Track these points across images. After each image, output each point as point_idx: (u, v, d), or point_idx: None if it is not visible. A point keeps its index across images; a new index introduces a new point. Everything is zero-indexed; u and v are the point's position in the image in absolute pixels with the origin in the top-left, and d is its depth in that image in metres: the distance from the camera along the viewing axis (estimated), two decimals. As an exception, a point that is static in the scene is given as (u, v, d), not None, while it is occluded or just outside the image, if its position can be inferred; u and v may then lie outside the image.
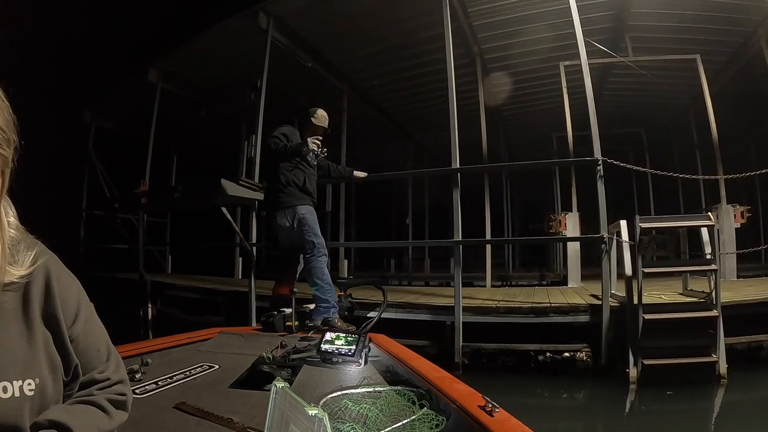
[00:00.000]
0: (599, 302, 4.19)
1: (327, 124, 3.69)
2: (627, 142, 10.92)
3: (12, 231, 0.79)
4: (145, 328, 6.91)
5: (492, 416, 1.40)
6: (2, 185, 0.75)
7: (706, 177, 6.50)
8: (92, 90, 10.19)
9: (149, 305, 7.19)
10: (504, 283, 8.88)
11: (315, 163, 3.77)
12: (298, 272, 3.73)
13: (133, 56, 10.12)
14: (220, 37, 6.99)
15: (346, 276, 7.77)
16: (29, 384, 0.75)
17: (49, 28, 11.46)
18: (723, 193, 6.16)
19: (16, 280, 0.78)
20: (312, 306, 3.51)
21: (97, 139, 10.02)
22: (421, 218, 12.40)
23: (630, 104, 9.62)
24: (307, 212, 3.57)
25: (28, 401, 0.74)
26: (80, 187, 10.06)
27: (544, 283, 8.95)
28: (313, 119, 3.61)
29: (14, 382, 0.74)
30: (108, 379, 0.90)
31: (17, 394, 0.74)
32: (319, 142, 3.36)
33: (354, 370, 2.11)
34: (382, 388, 1.78)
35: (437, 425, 1.48)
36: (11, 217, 0.80)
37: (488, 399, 1.47)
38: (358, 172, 4.37)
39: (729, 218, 6.06)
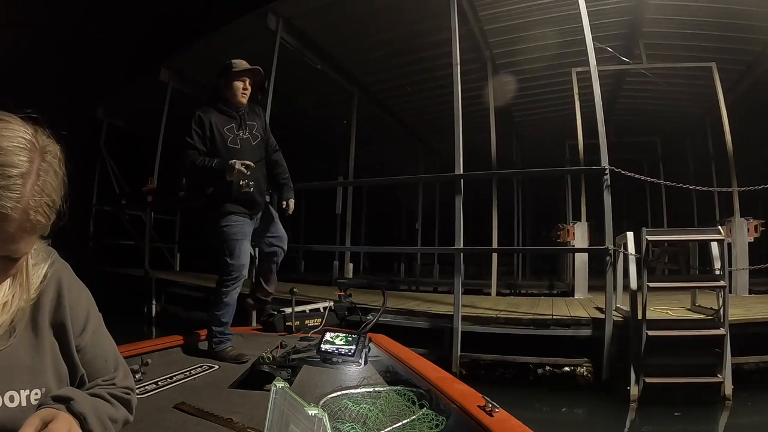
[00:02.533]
0: (603, 316, 4.09)
1: (248, 66, 2.97)
2: (642, 151, 10.81)
3: (31, 260, 0.79)
4: (148, 325, 6.96)
5: (492, 416, 1.39)
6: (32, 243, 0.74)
7: (719, 189, 6.38)
8: (105, 87, 10.35)
9: (153, 302, 7.24)
10: (512, 291, 8.79)
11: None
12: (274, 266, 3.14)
13: (145, 55, 10.26)
14: (230, 38, 7.02)
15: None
16: (35, 393, 0.77)
17: (63, 26, 11.67)
18: (736, 205, 5.99)
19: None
20: (311, 307, 3.47)
21: (108, 135, 10.18)
22: (431, 223, 12.35)
23: (645, 112, 9.52)
24: (231, 222, 2.81)
25: (33, 411, 0.75)
26: (91, 183, 10.18)
27: (554, 293, 8.79)
28: (233, 70, 2.93)
29: (21, 391, 0.76)
30: (113, 384, 0.91)
31: (24, 403, 0.76)
32: (245, 170, 2.58)
33: (354, 370, 2.11)
34: (382, 388, 1.78)
35: (437, 425, 1.48)
36: None
37: (488, 399, 1.46)
38: (289, 201, 3.12)
39: (742, 232, 5.91)
